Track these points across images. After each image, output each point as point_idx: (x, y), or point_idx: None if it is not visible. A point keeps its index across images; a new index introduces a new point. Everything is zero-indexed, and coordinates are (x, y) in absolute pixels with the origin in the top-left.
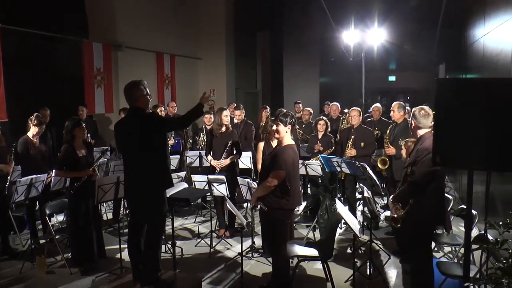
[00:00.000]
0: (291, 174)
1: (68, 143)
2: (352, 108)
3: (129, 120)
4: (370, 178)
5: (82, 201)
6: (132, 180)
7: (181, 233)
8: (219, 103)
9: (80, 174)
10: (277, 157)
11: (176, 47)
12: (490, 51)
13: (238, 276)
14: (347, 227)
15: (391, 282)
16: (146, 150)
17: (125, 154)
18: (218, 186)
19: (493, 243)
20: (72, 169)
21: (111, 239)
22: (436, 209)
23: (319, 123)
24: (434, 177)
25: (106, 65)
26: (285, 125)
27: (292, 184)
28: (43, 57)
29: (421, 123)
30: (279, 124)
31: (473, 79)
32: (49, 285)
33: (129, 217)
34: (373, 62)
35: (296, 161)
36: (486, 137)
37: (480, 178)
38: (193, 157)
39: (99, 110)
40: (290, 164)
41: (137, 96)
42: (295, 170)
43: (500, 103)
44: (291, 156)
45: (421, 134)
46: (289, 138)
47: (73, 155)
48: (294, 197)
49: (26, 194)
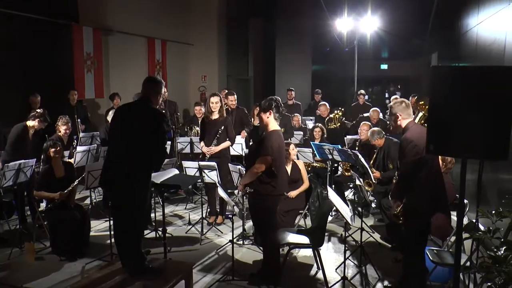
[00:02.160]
0: (277, 160)
1: (46, 163)
2: (363, 122)
3: (140, 107)
4: (362, 166)
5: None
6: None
7: (171, 220)
8: (210, 90)
9: (54, 196)
10: (263, 142)
11: (168, 32)
12: (483, 40)
13: (229, 264)
14: (338, 215)
15: (382, 270)
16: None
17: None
18: (209, 173)
19: (485, 232)
20: (49, 189)
21: (102, 225)
22: (433, 198)
23: (315, 130)
24: (421, 165)
25: (97, 50)
26: (265, 112)
27: (278, 169)
28: (31, 41)
29: (403, 113)
30: (260, 112)
31: (468, 67)
32: (38, 272)
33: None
34: (366, 50)
35: (282, 146)
36: (480, 126)
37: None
38: (184, 143)
39: (89, 95)
40: (276, 149)
41: (158, 92)
42: (281, 155)
43: (494, 91)
44: (277, 141)
45: (405, 124)
46: (274, 124)
47: (50, 176)
48: (282, 183)
49: (14, 179)
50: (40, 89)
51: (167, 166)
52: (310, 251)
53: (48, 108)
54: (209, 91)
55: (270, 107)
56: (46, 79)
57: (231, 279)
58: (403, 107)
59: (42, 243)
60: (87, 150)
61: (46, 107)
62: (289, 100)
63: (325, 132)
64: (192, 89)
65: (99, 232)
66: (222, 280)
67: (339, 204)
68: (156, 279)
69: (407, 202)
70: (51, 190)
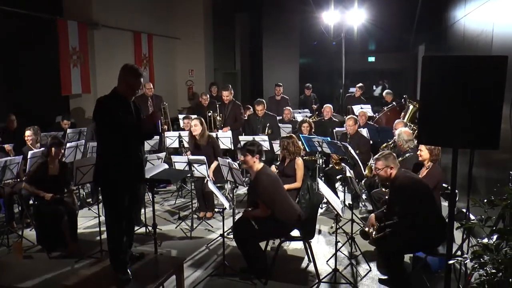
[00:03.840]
0: (272, 194)
1: (44, 158)
2: (349, 117)
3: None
4: (351, 157)
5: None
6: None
7: (161, 215)
8: (197, 83)
9: (43, 194)
10: (256, 189)
11: (154, 26)
12: (470, 32)
13: (220, 258)
14: (329, 207)
15: (373, 261)
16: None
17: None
18: (198, 167)
19: (478, 221)
20: (39, 185)
21: (90, 222)
22: (435, 230)
23: (303, 125)
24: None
25: (82, 44)
26: (252, 155)
27: (276, 203)
28: (14, 36)
29: (394, 164)
30: (247, 155)
31: (457, 56)
32: (26, 270)
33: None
34: (353, 43)
35: (274, 181)
36: (471, 115)
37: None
38: (173, 137)
39: (76, 90)
40: (270, 189)
41: (126, 82)
42: (275, 188)
43: (485, 80)
44: (266, 181)
45: (395, 173)
46: (258, 164)
47: (43, 173)
48: (287, 216)
49: (1, 176)
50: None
51: (157, 161)
52: (301, 243)
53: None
54: (197, 85)
55: (258, 153)
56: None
57: (222, 274)
58: (392, 158)
59: (30, 241)
60: (75, 146)
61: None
62: (277, 96)
63: (313, 127)
64: (180, 83)
65: (88, 229)
66: (213, 275)
67: (329, 196)
68: (147, 274)
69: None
70: (40, 187)
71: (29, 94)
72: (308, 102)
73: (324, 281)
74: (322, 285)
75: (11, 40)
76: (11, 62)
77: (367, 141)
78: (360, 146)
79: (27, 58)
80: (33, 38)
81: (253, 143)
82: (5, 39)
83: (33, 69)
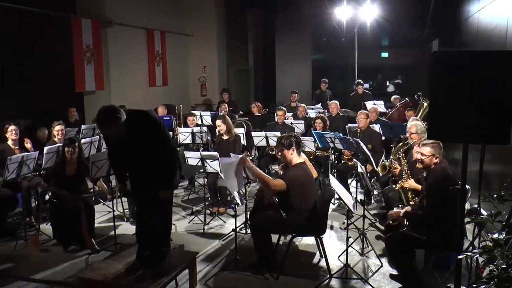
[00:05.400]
0: (299, 192)
1: (61, 158)
2: (360, 111)
3: None
4: (363, 153)
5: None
6: None
7: (174, 210)
8: (210, 80)
9: (60, 193)
10: (287, 172)
11: (167, 23)
12: (484, 26)
13: (232, 253)
14: (341, 203)
15: (384, 257)
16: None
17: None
18: (211, 163)
19: (487, 216)
20: (57, 185)
21: (104, 217)
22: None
23: (316, 121)
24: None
25: (96, 42)
26: (288, 149)
27: (301, 202)
28: (29, 34)
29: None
30: (283, 150)
31: (467, 52)
32: (43, 263)
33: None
34: (366, 38)
35: (306, 179)
36: (481, 111)
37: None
38: (186, 133)
39: (90, 87)
40: (296, 181)
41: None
42: (304, 188)
43: (495, 76)
44: (300, 175)
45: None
46: (296, 158)
47: (60, 173)
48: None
49: (18, 171)
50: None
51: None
52: (312, 239)
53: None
54: (209, 81)
55: (291, 145)
56: (45, 72)
57: (234, 268)
58: (439, 148)
59: (47, 235)
60: (89, 142)
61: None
62: (292, 102)
63: (327, 123)
64: (193, 79)
65: (103, 223)
66: (225, 269)
67: (341, 191)
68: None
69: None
70: (58, 186)
71: (44, 90)
72: (324, 98)
73: (335, 276)
74: (333, 280)
75: (26, 38)
76: (26, 59)
77: (379, 135)
78: (372, 141)
79: (42, 56)
80: (48, 36)
81: (287, 136)
82: (20, 36)
83: (48, 66)
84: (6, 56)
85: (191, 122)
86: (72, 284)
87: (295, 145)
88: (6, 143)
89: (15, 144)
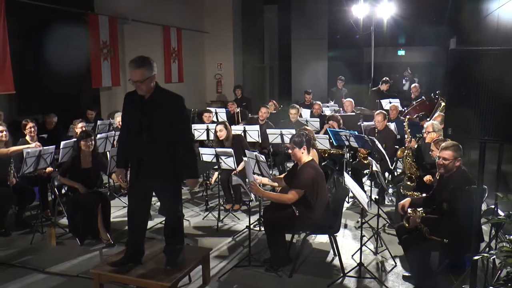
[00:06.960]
0: (313, 190)
1: (76, 152)
2: (377, 112)
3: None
4: (379, 152)
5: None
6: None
7: (188, 206)
8: (226, 77)
9: (76, 186)
10: (297, 175)
11: (183, 20)
12: (505, 23)
13: (245, 249)
14: (355, 201)
15: (398, 257)
16: None
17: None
18: (226, 159)
19: (505, 217)
20: (73, 178)
21: (119, 212)
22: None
23: (329, 123)
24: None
25: (112, 38)
26: (299, 147)
27: (316, 198)
28: (45, 30)
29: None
30: (294, 148)
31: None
32: (59, 256)
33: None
34: (383, 36)
35: (317, 175)
36: (498, 109)
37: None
38: (201, 130)
39: (106, 83)
40: (309, 181)
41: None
42: (318, 184)
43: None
44: (310, 173)
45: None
46: (306, 156)
47: (76, 165)
48: (320, 212)
49: (35, 165)
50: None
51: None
52: (326, 237)
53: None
54: (225, 78)
55: (302, 143)
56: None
57: (247, 265)
58: (460, 150)
59: (63, 228)
60: (105, 137)
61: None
62: (306, 103)
63: (341, 122)
64: (208, 76)
65: (118, 218)
66: (239, 266)
67: (355, 190)
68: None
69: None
70: (74, 179)
71: (61, 86)
72: (339, 95)
73: (349, 275)
74: (346, 279)
75: (43, 34)
76: (43, 55)
77: (393, 136)
78: (387, 141)
79: (59, 52)
80: (65, 32)
81: (299, 135)
82: (37, 32)
83: (65, 62)
84: (27, 53)
85: (208, 119)
86: (87, 278)
87: (305, 143)
88: (25, 139)
89: (33, 140)
